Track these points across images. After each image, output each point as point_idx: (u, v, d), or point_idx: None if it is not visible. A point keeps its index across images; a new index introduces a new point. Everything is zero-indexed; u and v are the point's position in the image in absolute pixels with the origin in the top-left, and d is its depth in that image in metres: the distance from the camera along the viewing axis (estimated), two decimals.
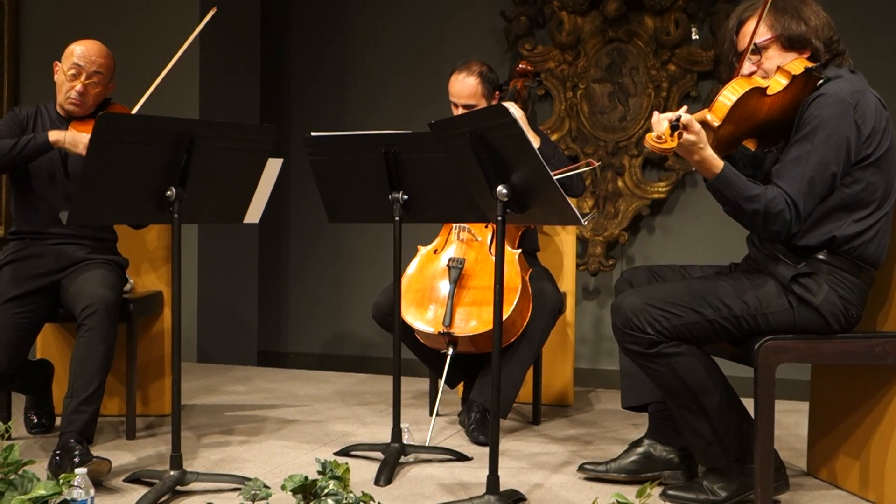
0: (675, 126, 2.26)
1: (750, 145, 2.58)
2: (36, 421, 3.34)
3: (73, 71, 3.11)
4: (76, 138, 2.97)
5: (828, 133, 2.34)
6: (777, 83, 2.40)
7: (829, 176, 2.36)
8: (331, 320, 6.01)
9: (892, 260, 2.55)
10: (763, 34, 2.46)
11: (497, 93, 3.48)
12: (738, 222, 2.43)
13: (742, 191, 2.35)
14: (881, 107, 2.43)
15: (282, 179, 3.57)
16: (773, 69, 2.44)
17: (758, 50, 2.47)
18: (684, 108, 2.38)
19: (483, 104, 3.41)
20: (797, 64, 2.42)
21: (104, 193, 2.55)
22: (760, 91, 2.38)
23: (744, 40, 2.50)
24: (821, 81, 2.42)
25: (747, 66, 2.49)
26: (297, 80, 6.04)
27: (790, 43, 2.45)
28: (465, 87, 3.41)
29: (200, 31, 3.15)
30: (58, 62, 3.17)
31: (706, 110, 2.38)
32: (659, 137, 2.27)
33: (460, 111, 3.44)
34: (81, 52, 3.13)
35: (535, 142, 3.36)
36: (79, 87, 3.11)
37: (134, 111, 3.15)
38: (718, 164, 2.34)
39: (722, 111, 2.35)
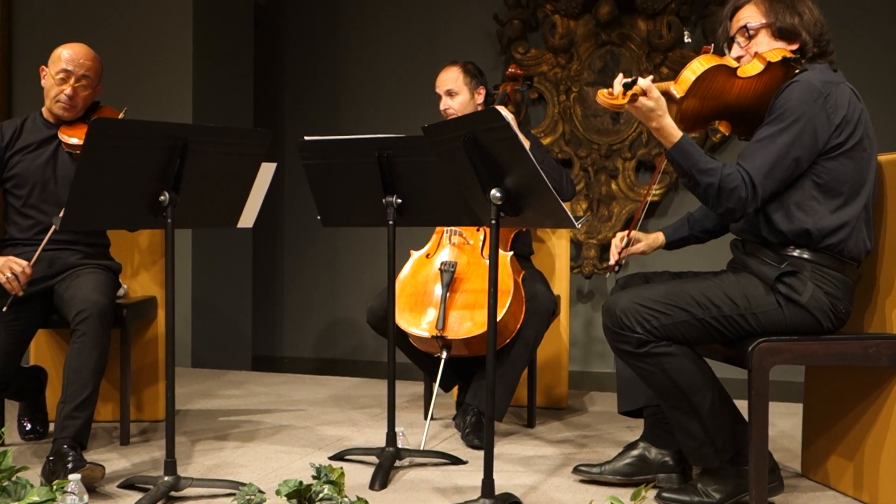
0: (627, 85, 2.31)
1: (724, 129, 2.59)
2: (29, 427, 3.33)
3: (61, 75, 3.11)
4: None
5: (795, 118, 2.36)
6: (752, 67, 2.43)
7: (793, 160, 2.38)
8: (325, 324, 6.01)
9: (881, 260, 2.56)
10: (755, 19, 2.49)
11: (482, 87, 3.59)
12: (695, 195, 2.46)
13: (697, 162, 2.38)
14: (855, 99, 2.45)
15: (275, 184, 3.57)
16: (755, 54, 2.48)
17: (748, 34, 2.50)
18: (650, 77, 2.39)
19: (465, 92, 3.53)
20: (776, 52, 2.44)
21: (97, 198, 2.54)
22: (730, 70, 2.41)
23: (735, 24, 2.54)
24: (798, 72, 2.44)
25: (735, 50, 2.52)
26: (291, 84, 6.04)
27: (781, 32, 2.48)
28: (447, 76, 3.56)
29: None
30: (44, 67, 3.16)
31: (671, 81, 2.41)
32: (610, 93, 2.33)
33: (444, 101, 3.55)
34: (69, 55, 3.12)
35: (525, 144, 3.40)
36: (68, 90, 3.11)
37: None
38: (676, 134, 2.38)
39: (686, 83, 2.38)
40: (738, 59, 2.51)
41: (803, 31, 2.47)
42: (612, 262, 2.73)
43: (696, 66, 2.39)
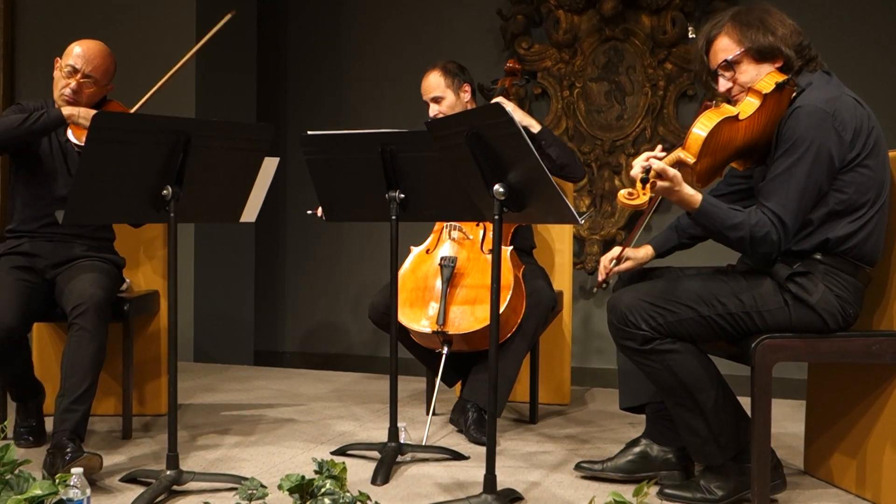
0: (645, 179, 2.28)
1: (738, 167, 2.58)
2: (25, 434, 3.25)
3: (68, 69, 3.14)
4: (90, 114, 2.94)
5: (807, 146, 2.33)
6: (749, 105, 2.39)
7: (815, 189, 2.36)
8: (327, 319, 6.00)
9: (889, 259, 2.56)
10: (732, 50, 2.46)
11: (466, 84, 3.57)
12: (727, 247, 2.42)
13: (724, 221, 2.35)
14: (860, 106, 2.42)
15: (278, 178, 3.56)
16: (748, 83, 2.44)
17: (730, 66, 2.47)
18: (658, 147, 2.36)
19: (450, 94, 3.53)
20: (768, 81, 2.40)
21: (100, 193, 2.55)
22: (732, 119, 2.37)
23: (714, 59, 2.51)
24: (794, 94, 2.41)
25: (722, 83, 2.50)
26: (294, 78, 6.03)
27: (760, 55, 2.45)
28: (429, 83, 3.56)
29: (215, 32, 3.21)
30: (59, 58, 3.18)
31: (680, 149, 2.38)
32: (631, 194, 2.29)
33: (432, 108, 3.55)
34: (80, 52, 3.14)
35: (536, 126, 3.41)
36: (73, 84, 3.12)
37: (134, 109, 3.18)
38: (696, 199, 2.35)
39: (695, 147, 2.35)
40: (728, 91, 2.48)
41: (782, 46, 2.43)
42: (600, 279, 2.71)
43: (702, 128, 2.35)
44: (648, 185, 2.27)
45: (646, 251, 2.79)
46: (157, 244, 3.65)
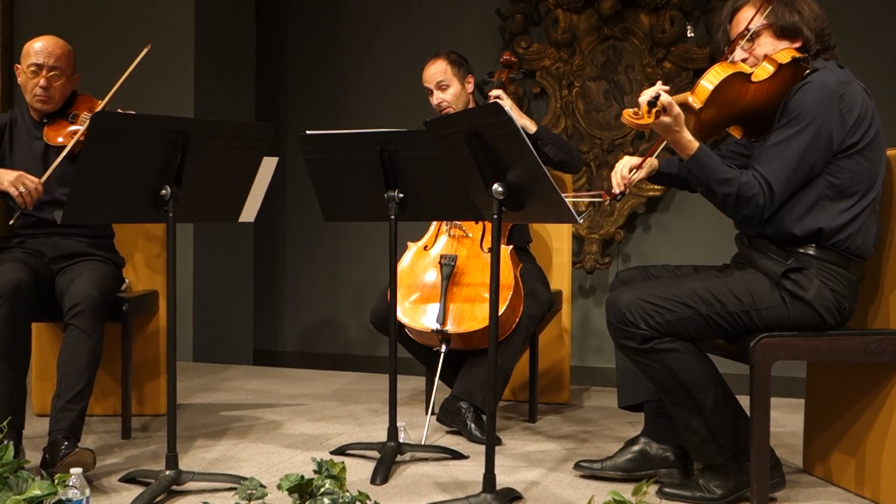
0: (652, 103, 2.31)
1: (736, 133, 2.59)
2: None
3: (32, 68, 3.13)
4: (2, 176, 2.95)
5: (810, 120, 2.36)
6: (763, 70, 2.42)
7: (809, 166, 2.38)
8: (326, 319, 6.00)
9: (884, 257, 2.56)
10: (756, 21, 2.48)
11: (470, 76, 3.58)
12: (711, 203, 2.45)
13: (714, 173, 2.38)
14: (867, 96, 2.45)
15: (277, 178, 3.56)
16: (762, 56, 2.47)
17: (750, 36, 2.49)
18: (667, 87, 2.38)
19: (455, 83, 3.53)
20: (785, 53, 2.44)
21: (98, 192, 2.54)
22: (745, 77, 2.41)
23: (737, 27, 2.53)
24: (808, 72, 2.44)
25: (739, 53, 2.52)
26: (293, 78, 6.03)
27: (782, 31, 2.48)
28: (434, 70, 3.56)
29: (135, 67, 3.16)
30: (18, 65, 3.17)
31: (689, 92, 2.41)
32: (636, 113, 2.33)
33: (435, 96, 3.54)
34: (38, 48, 3.13)
35: (532, 127, 3.42)
36: (42, 82, 3.12)
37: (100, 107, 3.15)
38: (693, 145, 2.38)
39: (704, 94, 2.38)
40: (744, 61, 2.49)
41: (805, 28, 2.47)
42: (616, 190, 2.68)
43: (713, 77, 2.38)
44: (654, 111, 2.30)
45: (651, 162, 2.78)
46: (155, 244, 3.65)
